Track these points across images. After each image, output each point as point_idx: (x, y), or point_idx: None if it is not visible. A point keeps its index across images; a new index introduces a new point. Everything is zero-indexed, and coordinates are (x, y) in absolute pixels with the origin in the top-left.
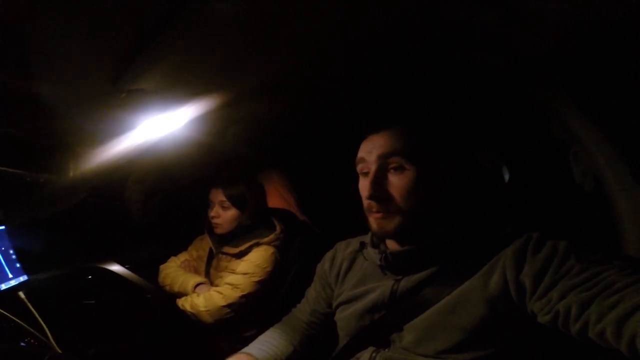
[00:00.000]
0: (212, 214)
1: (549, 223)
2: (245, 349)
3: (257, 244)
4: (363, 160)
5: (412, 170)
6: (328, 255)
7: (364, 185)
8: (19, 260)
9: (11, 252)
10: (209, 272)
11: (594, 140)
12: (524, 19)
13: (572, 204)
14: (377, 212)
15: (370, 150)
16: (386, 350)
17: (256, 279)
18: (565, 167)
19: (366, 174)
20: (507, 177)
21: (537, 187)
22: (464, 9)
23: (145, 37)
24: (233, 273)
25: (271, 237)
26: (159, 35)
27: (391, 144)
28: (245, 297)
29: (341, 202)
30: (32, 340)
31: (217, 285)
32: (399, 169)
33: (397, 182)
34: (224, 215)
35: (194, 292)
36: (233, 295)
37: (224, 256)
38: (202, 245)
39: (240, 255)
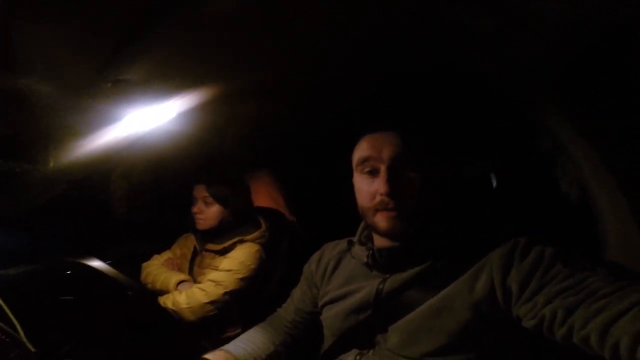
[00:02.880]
0: (195, 209)
1: (537, 229)
2: (224, 347)
3: (241, 241)
4: (370, 158)
5: (421, 171)
6: (315, 256)
7: (370, 183)
8: None
9: None
10: (193, 270)
11: (580, 151)
12: (524, 20)
13: (559, 211)
14: (392, 210)
15: (378, 148)
16: (370, 352)
17: (240, 276)
18: (554, 175)
19: (371, 172)
20: (494, 182)
21: (526, 193)
22: (463, 9)
23: (134, 27)
24: (216, 270)
25: (256, 234)
26: (149, 26)
27: (403, 144)
28: (228, 294)
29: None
30: (3, 337)
31: (200, 283)
32: (411, 169)
33: (409, 182)
34: (206, 211)
35: (176, 289)
36: (216, 292)
37: (207, 253)
38: (187, 244)
39: (223, 252)
